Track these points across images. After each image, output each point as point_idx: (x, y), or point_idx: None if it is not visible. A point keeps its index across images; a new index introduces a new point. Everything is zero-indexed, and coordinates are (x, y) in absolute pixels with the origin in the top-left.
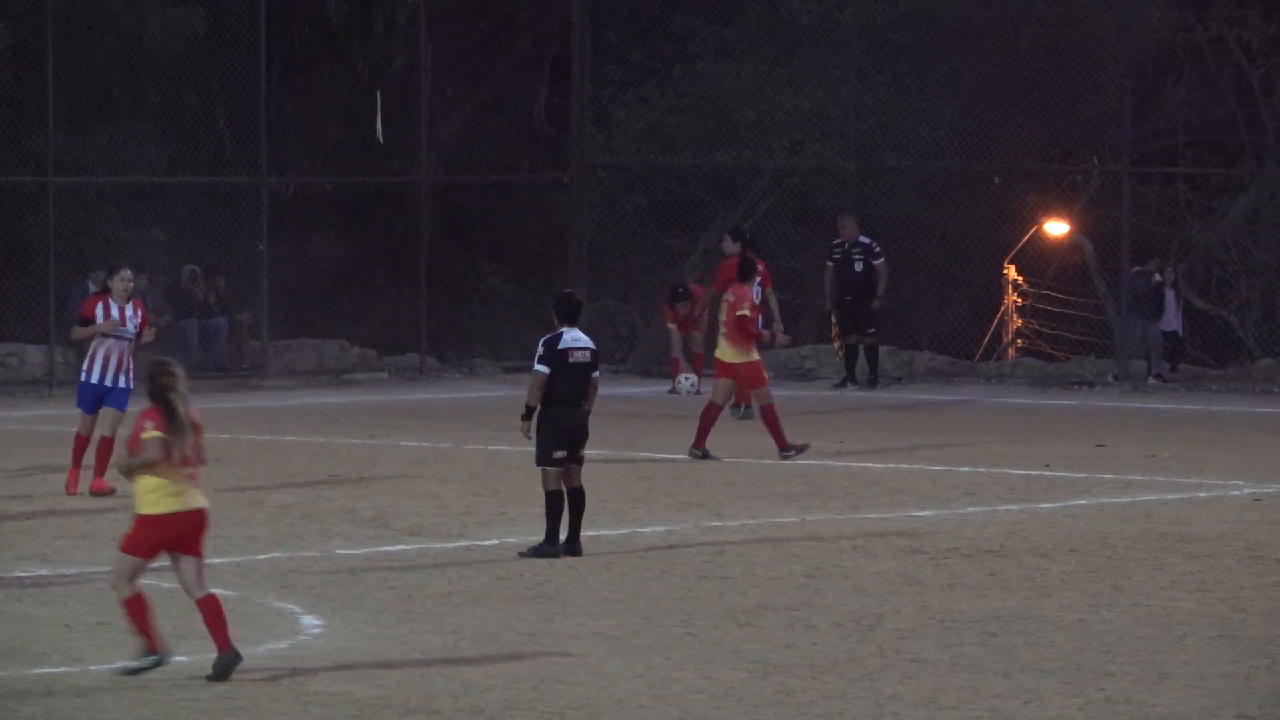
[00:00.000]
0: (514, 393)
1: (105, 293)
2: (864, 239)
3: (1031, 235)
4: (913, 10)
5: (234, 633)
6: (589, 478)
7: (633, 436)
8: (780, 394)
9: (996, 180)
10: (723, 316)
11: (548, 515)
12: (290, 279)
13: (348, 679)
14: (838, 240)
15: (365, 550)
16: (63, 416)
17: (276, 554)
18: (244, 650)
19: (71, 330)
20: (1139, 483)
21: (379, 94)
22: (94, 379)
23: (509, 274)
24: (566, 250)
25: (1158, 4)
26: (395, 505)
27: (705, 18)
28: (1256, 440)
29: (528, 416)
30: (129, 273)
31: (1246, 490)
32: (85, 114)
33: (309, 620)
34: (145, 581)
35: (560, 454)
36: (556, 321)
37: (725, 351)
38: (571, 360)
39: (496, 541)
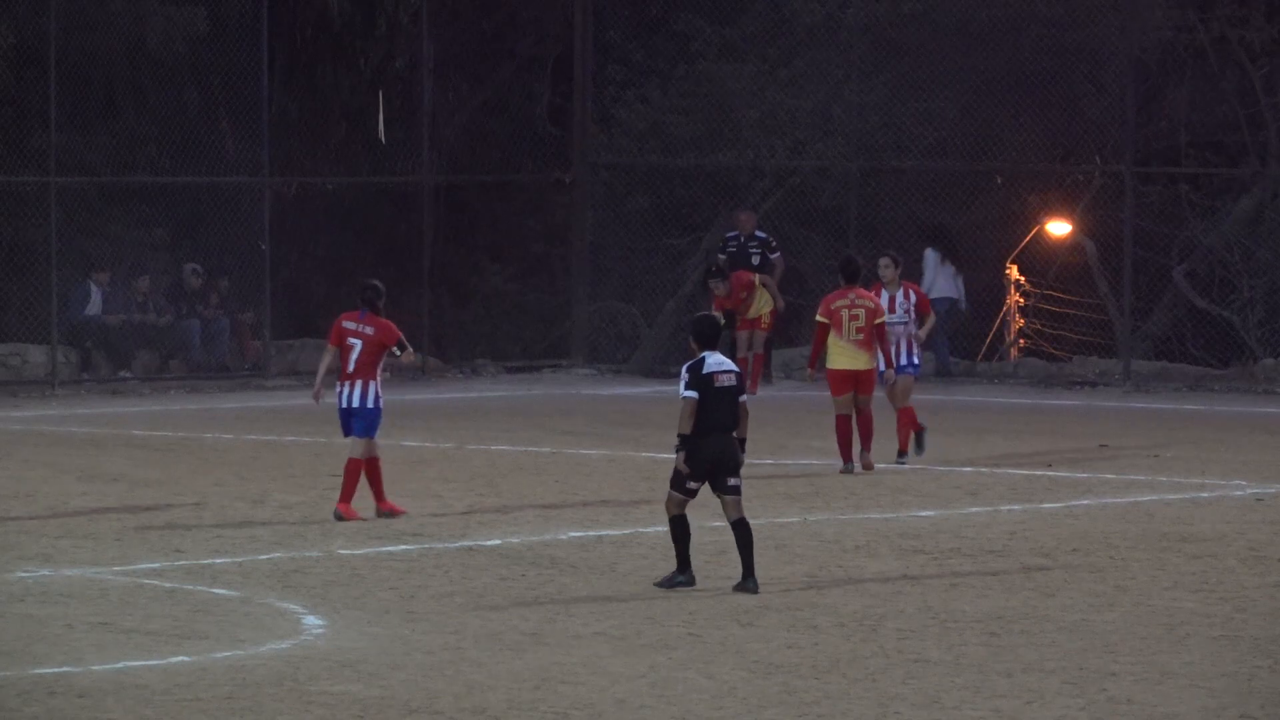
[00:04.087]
0: (516, 393)
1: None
2: (760, 234)
3: (1034, 235)
4: (915, 10)
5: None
6: (596, 476)
7: (636, 436)
8: (782, 394)
9: (999, 180)
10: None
11: (674, 542)
12: (292, 279)
13: (350, 679)
14: (732, 233)
15: (367, 550)
16: (65, 417)
17: (279, 554)
18: (246, 651)
19: None
20: (1141, 483)
21: (381, 94)
22: None
23: (511, 274)
24: (569, 250)
25: (1160, 4)
26: (398, 505)
27: (708, 17)
28: (1259, 440)
29: (682, 447)
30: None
31: (1249, 490)
32: (87, 114)
33: (311, 620)
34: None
35: (694, 485)
36: (696, 346)
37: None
38: (718, 385)
39: (499, 542)
